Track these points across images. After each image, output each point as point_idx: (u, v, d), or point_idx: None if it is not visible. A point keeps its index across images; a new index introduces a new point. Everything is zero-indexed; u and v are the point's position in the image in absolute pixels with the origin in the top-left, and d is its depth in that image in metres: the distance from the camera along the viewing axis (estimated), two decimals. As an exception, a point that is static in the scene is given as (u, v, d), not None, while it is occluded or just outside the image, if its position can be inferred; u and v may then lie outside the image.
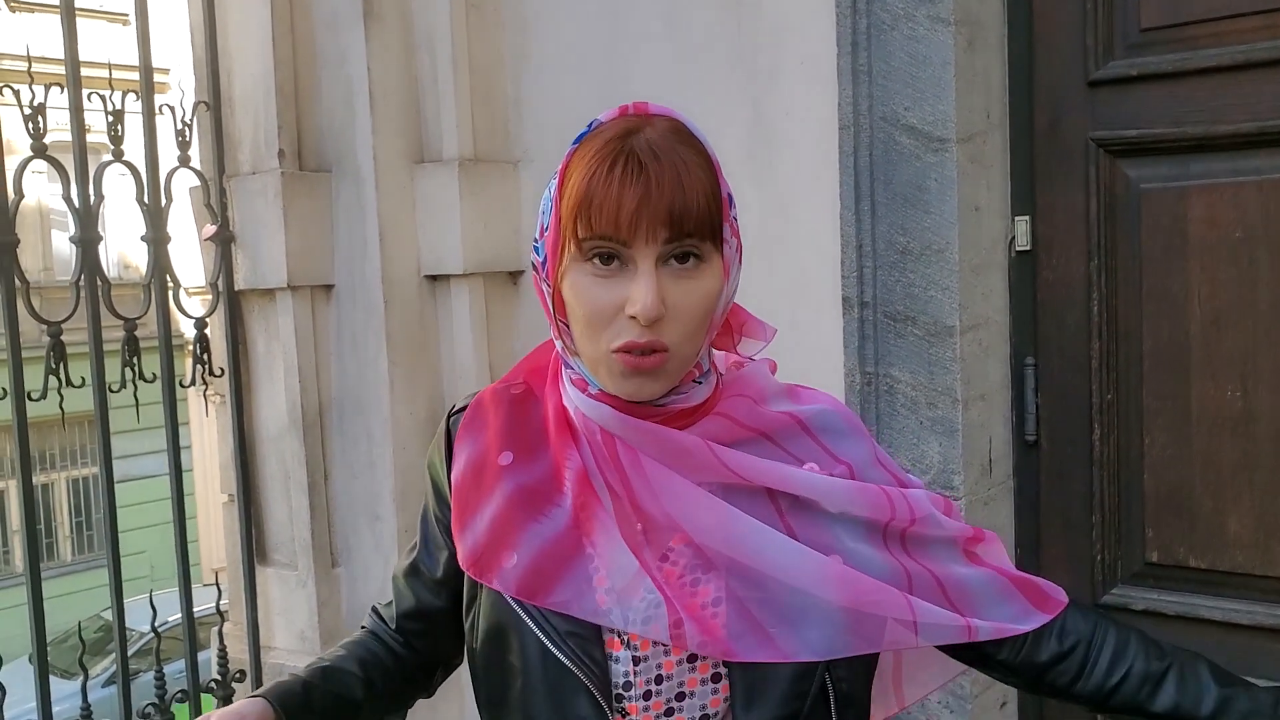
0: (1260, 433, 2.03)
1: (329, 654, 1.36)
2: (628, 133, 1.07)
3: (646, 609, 1.09)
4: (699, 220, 1.04)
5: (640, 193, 1.02)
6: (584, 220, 1.04)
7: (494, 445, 1.20)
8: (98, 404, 2.41)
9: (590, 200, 1.03)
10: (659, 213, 1.02)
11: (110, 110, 2.44)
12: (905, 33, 2.11)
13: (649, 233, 1.03)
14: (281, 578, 2.74)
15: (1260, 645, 2.07)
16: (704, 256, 1.07)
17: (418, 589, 1.34)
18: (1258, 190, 2.00)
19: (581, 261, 1.07)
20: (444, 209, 2.62)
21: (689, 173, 1.05)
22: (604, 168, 1.04)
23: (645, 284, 1.03)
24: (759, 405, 1.17)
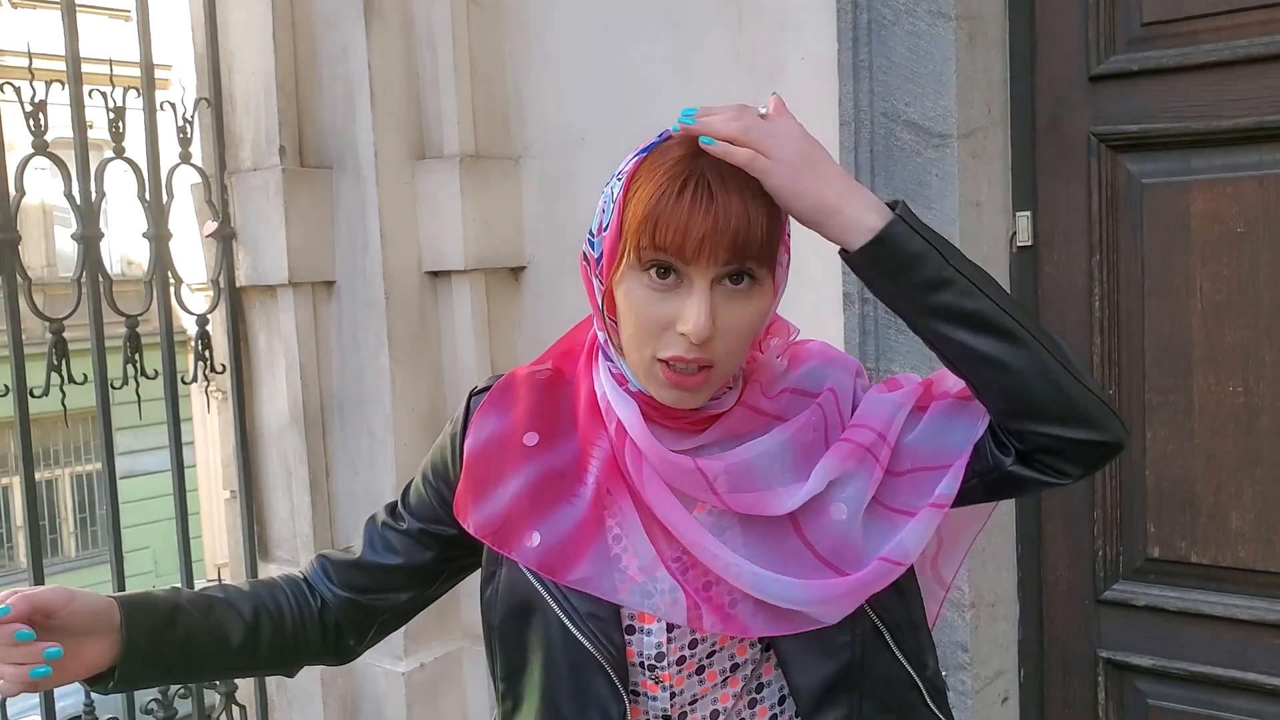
0: (1262, 427, 2.03)
1: (231, 586, 1.32)
2: (697, 153, 1.08)
3: (667, 592, 1.13)
4: (757, 246, 1.07)
5: (709, 220, 1.04)
6: (649, 235, 1.06)
7: (521, 424, 1.23)
8: (99, 400, 2.42)
9: (658, 218, 1.05)
10: (724, 239, 1.05)
11: (111, 107, 2.44)
12: (906, 28, 2.11)
13: (711, 256, 1.05)
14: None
15: (1261, 640, 2.07)
16: (758, 279, 1.09)
17: (388, 536, 1.34)
18: (1259, 185, 2.00)
19: (639, 271, 1.09)
20: (445, 205, 2.62)
21: (754, 200, 1.07)
22: (674, 188, 1.06)
23: (699, 304, 1.05)
24: (767, 391, 1.20)
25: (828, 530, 1.14)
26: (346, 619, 1.34)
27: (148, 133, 2.54)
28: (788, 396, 1.21)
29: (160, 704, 2.56)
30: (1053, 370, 1.09)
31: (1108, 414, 1.12)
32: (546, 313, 2.68)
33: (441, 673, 2.64)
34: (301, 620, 1.32)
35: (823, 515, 1.14)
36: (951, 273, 1.09)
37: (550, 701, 1.20)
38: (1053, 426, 1.10)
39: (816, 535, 1.14)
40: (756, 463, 1.14)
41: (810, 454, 1.16)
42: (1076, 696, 2.27)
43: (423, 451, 2.61)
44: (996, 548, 2.22)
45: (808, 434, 1.17)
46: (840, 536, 1.14)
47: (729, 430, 1.17)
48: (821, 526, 1.14)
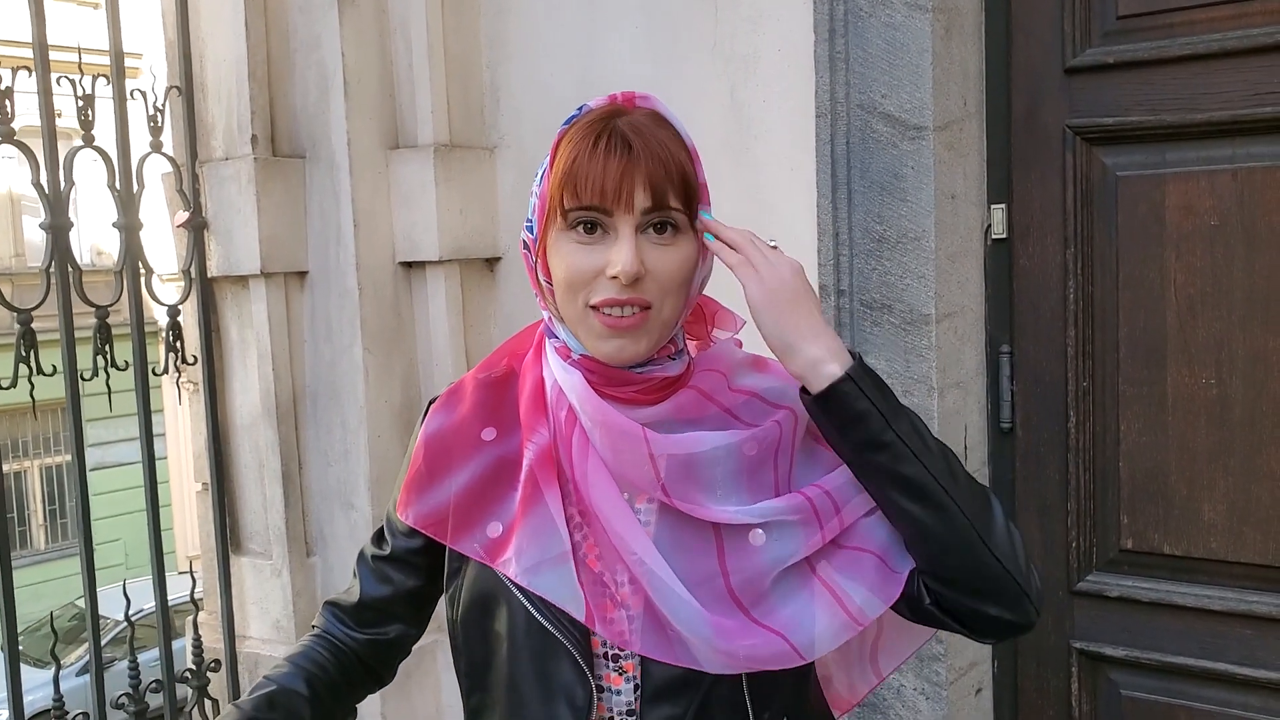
0: (1234, 419, 2.04)
1: (274, 673, 1.35)
2: (613, 114, 1.15)
3: (571, 589, 1.16)
4: (677, 191, 1.12)
5: (623, 163, 1.10)
6: (570, 191, 1.12)
7: (469, 420, 1.26)
8: (69, 392, 2.39)
9: (576, 172, 1.11)
10: (640, 181, 1.10)
11: (80, 95, 2.41)
12: (883, 20, 2.11)
13: (629, 200, 1.10)
14: (256, 567, 2.72)
15: (1231, 630, 2.08)
16: (681, 228, 1.14)
17: (382, 568, 1.36)
18: (1232, 178, 2.01)
19: (566, 230, 1.13)
20: (419, 195, 2.60)
21: (669, 151, 1.13)
22: (589, 143, 1.12)
23: (626, 246, 1.11)
24: (727, 379, 1.22)
25: (746, 562, 1.15)
26: (373, 656, 1.38)
27: (118, 121, 2.50)
28: (749, 399, 1.22)
29: (131, 698, 2.54)
30: (973, 545, 1.13)
31: (1020, 595, 1.15)
32: (521, 303, 2.67)
33: (415, 666, 2.63)
34: (344, 671, 1.37)
35: (746, 546, 1.15)
36: (891, 437, 1.12)
37: (515, 692, 1.21)
38: (963, 596, 1.15)
39: (734, 564, 1.15)
40: (703, 458, 1.16)
41: (756, 471, 1.18)
42: (1050, 687, 2.28)
43: (396, 444, 2.61)
44: (971, 539, 2.23)
45: (753, 447, 1.18)
46: (754, 572, 1.15)
47: (679, 410, 1.19)
48: (743, 556, 1.15)
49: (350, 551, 2.64)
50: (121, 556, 13.90)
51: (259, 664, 2.70)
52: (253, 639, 2.75)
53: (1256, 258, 2.00)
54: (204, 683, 2.72)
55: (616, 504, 1.16)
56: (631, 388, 1.17)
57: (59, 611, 10.33)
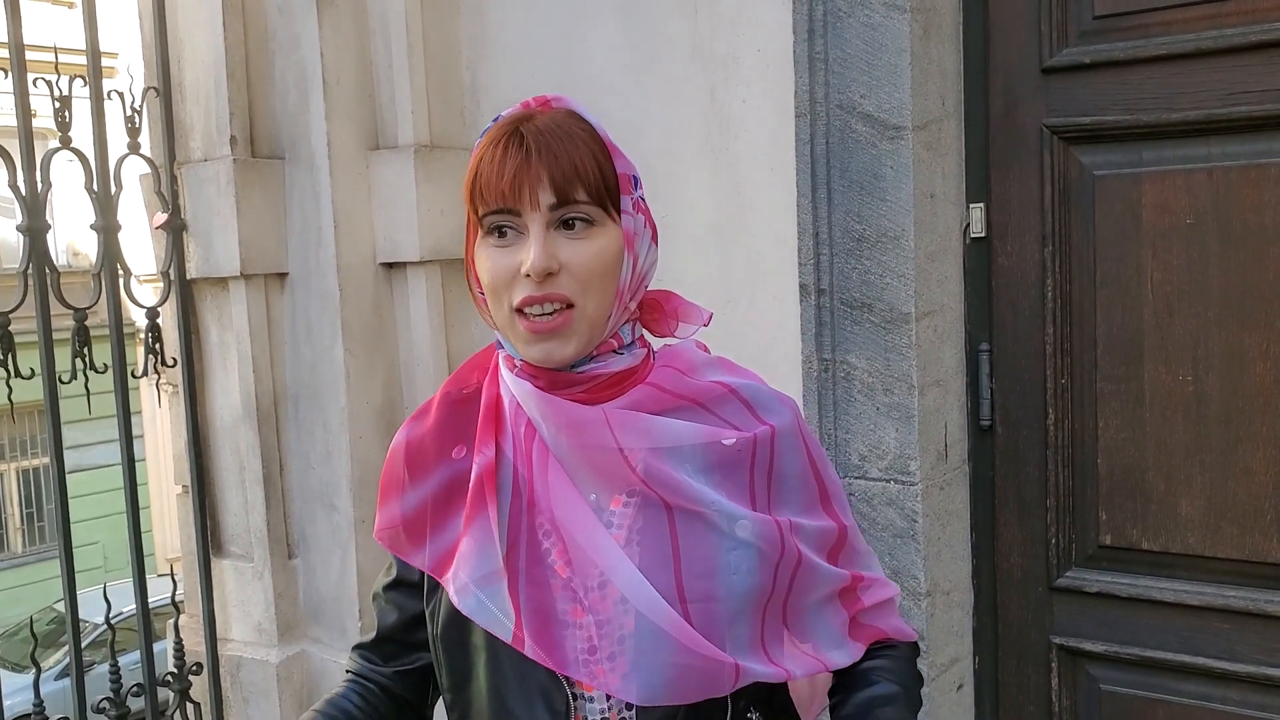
0: (1211, 415, 2.06)
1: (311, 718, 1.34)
2: (520, 119, 1.16)
3: (499, 613, 1.17)
4: (584, 185, 1.12)
5: (519, 160, 1.11)
6: (478, 197, 1.14)
7: (431, 435, 1.27)
8: (48, 395, 2.38)
9: (480, 178, 1.13)
10: (539, 177, 1.11)
11: (57, 96, 2.40)
12: (861, 20, 2.12)
13: (533, 198, 1.11)
14: (238, 569, 2.71)
15: (1208, 625, 2.10)
16: (595, 221, 1.14)
17: (392, 596, 1.36)
18: (1208, 177, 2.03)
19: (485, 237, 1.16)
20: (400, 196, 2.60)
21: (573, 145, 1.13)
22: (492, 148, 1.14)
23: (533, 243, 1.11)
24: (687, 375, 1.23)
25: (702, 559, 1.16)
26: (405, 689, 1.37)
27: (95, 122, 2.49)
28: (723, 392, 1.22)
29: (113, 702, 2.53)
30: None
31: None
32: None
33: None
34: (374, 712, 1.35)
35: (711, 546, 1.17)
36: None
37: (499, 700, 1.21)
38: None
39: (691, 554, 1.16)
40: (671, 447, 1.17)
41: (730, 473, 1.19)
42: (1030, 682, 2.29)
43: (378, 445, 2.61)
44: (951, 536, 2.24)
45: (732, 453, 1.19)
46: (710, 575, 1.16)
47: (635, 405, 1.19)
48: (700, 546, 1.17)
49: (332, 553, 2.64)
50: (100, 559, 13.82)
51: (241, 667, 2.70)
52: (234, 641, 2.74)
53: (1232, 255, 2.02)
54: (185, 686, 2.71)
55: (583, 516, 1.17)
56: (578, 388, 1.17)
57: (37, 615, 10.27)
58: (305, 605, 2.71)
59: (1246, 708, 2.08)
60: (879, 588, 1.32)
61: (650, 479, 1.16)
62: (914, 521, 2.14)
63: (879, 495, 2.17)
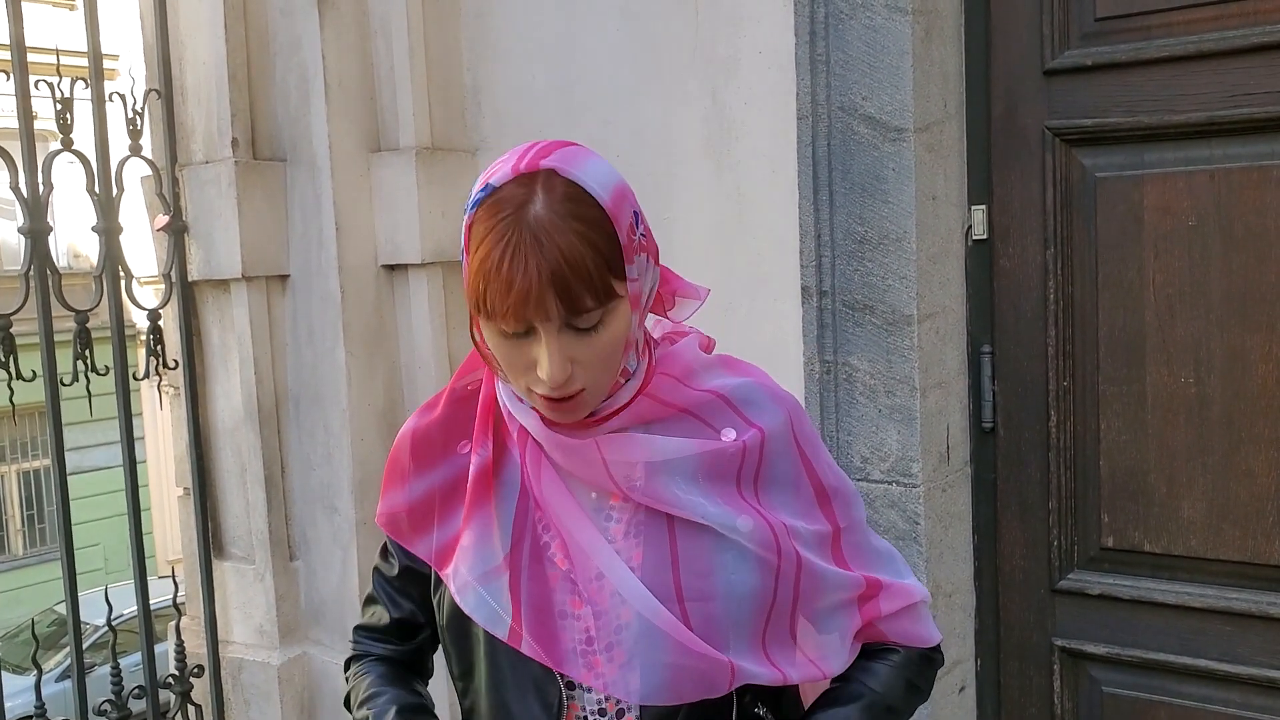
0: (1213, 417, 2.06)
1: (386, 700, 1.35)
2: (520, 206, 1.07)
3: (498, 609, 1.18)
4: (591, 293, 1.07)
5: (527, 281, 1.04)
6: (483, 302, 1.07)
7: (436, 428, 1.28)
8: (49, 397, 2.37)
9: (486, 287, 1.06)
10: (551, 295, 1.05)
11: (58, 98, 2.40)
12: (863, 22, 2.12)
13: (541, 314, 1.06)
14: (239, 571, 2.71)
15: (1210, 627, 2.10)
16: (605, 312, 1.09)
17: (398, 585, 1.37)
18: (1210, 179, 2.03)
19: (489, 321, 1.10)
20: (401, 198, 2.60)
21: (576, 250, 1.05)
22: (495, 255, 1.05)
23: (550, 355, 1.08)
24: (684, 382, 1.22)
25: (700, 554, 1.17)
26: (415, 660, 1.42)
27: (96, 124, 2.49)
28: (712, 399, 1.23)
29: (114, 704, 2.53)
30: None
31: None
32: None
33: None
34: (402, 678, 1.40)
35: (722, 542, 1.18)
36: None
37: (496, 692, 1.23)
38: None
39: (688, 552, 1.17)
40: (659, 462, 1.17)
41: (720, 481, 1.20)
42: (1032, 685, 2.29)
43: (379, 447, 2.61)
44: (953, 539, 2.24)
45: (722, 460, 1.19)
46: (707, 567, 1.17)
47: (636, 418, 1.20)
48: (697, 545, 1.18)
49: (333, 555, 2.64)
50: (101, 561, 13.81)
51: (242, 669, 2.69)
52: (236, 644, 2.74)
53: (1234, 257, 2.02)
54: (187, 688, 2.71)
55: (578, 516, 1.19)
56: (586, 421, 1.19)
57: (38, 617, 10.26)
58: (306, 607, 2.70)
59: (1248, 710, 2.08)
60: (900, 594, 1.31)
61: (642, 496, 1.17)
62: (916, 524, 2.14)
63: (881, 497, 2.17)
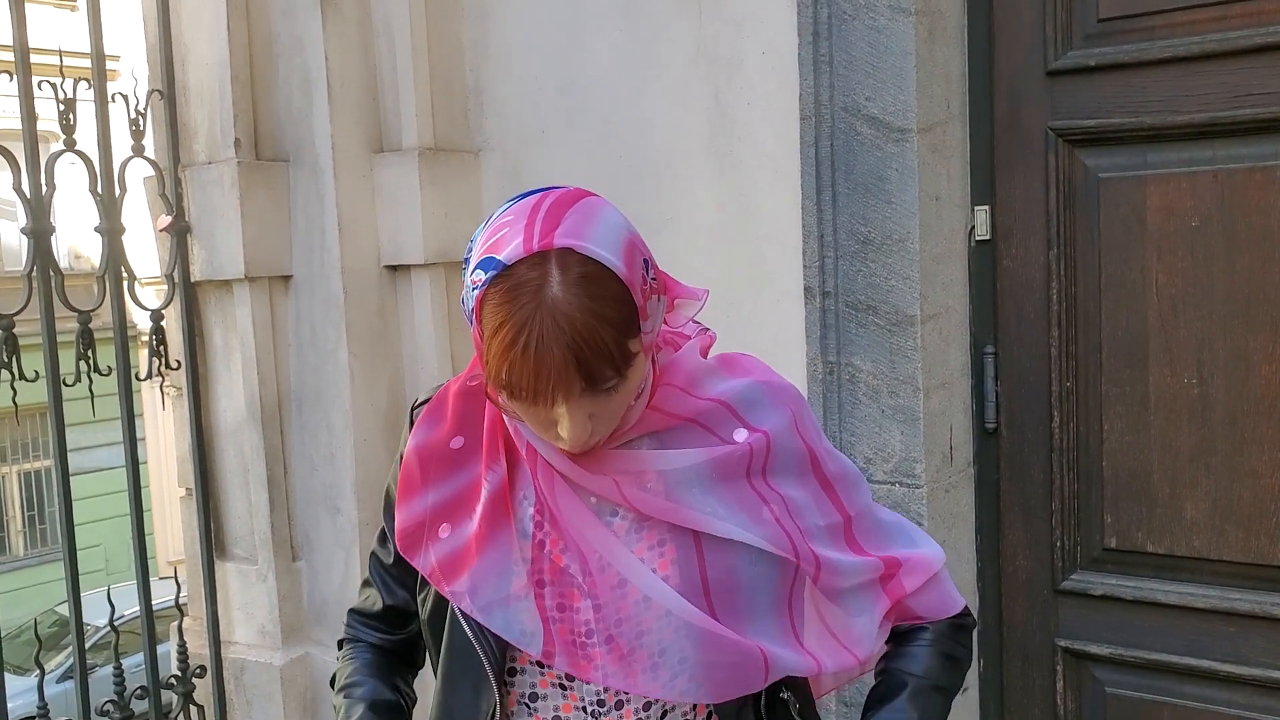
0: (1216, 419, 2.06)
1: (362, 694, 1.38)
2: (536, 289, 1.05)
3: (527, 624, 1.19)
4: (613, 369, 1.08)
5: (555, 372, 1.05)
6: (505, 389, 1.08)
7: (447, 436, 1.27)
8: (52, 398, 2.37)
9: (509, 374, 1.06)
10: (573, 383, 1.06)
11: (61, 98, 2.40)
12: (866, 23, 2.12)
13: (566, 394, 1.07)
14: (241, 572, 2.71)
15: (1214, 628, 2.10)
16: (623, 376, 1.10)
17: (394, 572, 1.39)
18: (1213, 179, 2.03)
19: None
20: (404, 198, 2.60)
21: (597, 334, 1.06)
22: (519, 345, 1.05)
23: (570, 422, 1.10)
24: (688, 392, 1.23)
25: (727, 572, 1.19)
26: (406, 649, 1.45)
27: (99, 125, 2.49)
28: (714, 406, 1.23)
29: (116, 705, 2.52)
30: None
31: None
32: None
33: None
34: (392, 670, 1.44)
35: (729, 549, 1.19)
36: None
37: (450, 681, 1.26)
38: None
39: (712, 550, 1.19)
40: (670, 473, 1.19)
41: (733, 485, 1.20)
42: (1035, 685, 2.29)
43: (382, 447, 2.61)
44: (956, 539, 2.24)
45: (731, 465, 1.20)
46: (731, 579, 1.19)
47: (643, 430, 1.21)
48: (718, 542, 1.19)
49: (336, 555, 2.64)
50: (102, 562, 13.82)
51: (244, 669, 2.69)
52: (238, 644, 2.74)
53: (1237, 258, 2.02)
54: (189, 689, 2.71)
55: (584, 514, 1.20)
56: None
57: (40, 618, 10.25)
58: (309, 608, 2.70)
59: (1252, 710, 2.08)
60: (920, 568, 1.33)
61: (660, 512, 1.19)
62: (919, 524, 2.13)
63: (884, 498, 2.17)
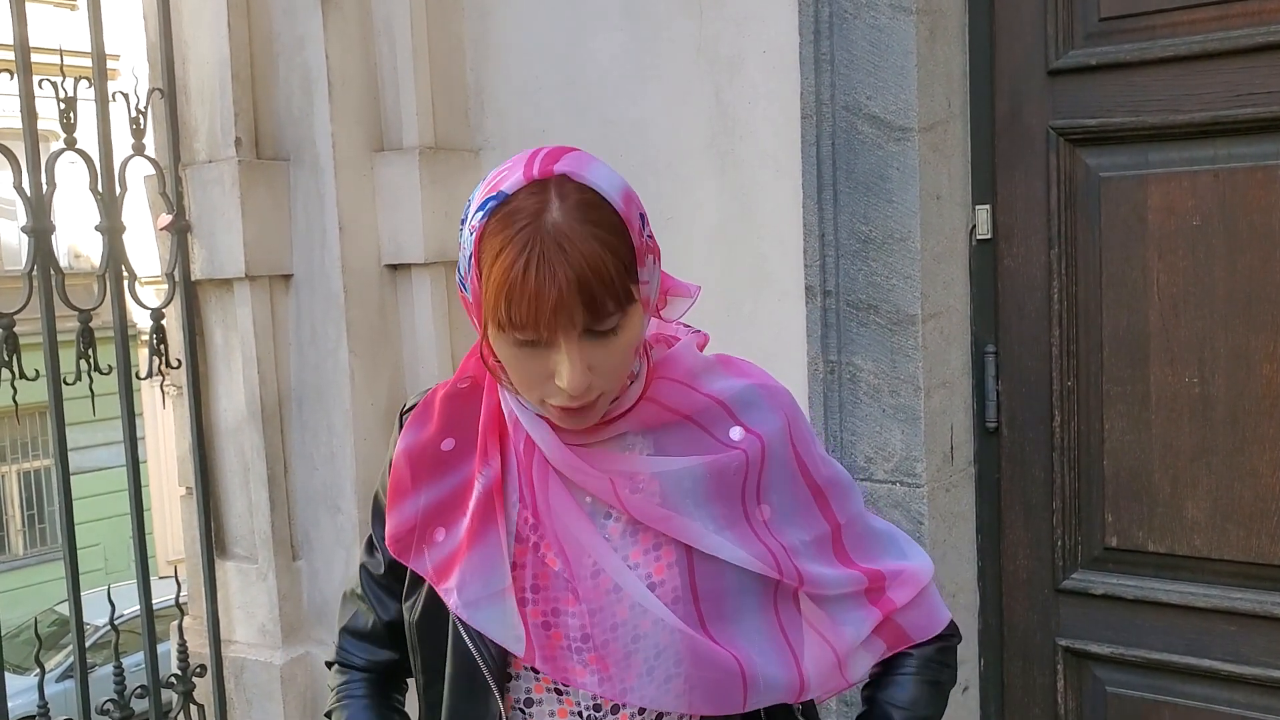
0: (1217, 418, 2.06)
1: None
2: (536, 214, 1.06)
3: (510, 623, 1.18)
4: (613, 299, 1.07)
5: (554, 292, 1.04)
6: (505, 315, 1.06)
7: (435, 438, 1.27)
8: (52, 396, 2.37)
9: (510, 299, 1.05)
10: (576, 308, 1.05)
11: (61, 97, 2.39)
12: (867, 21, 2.12)
13: (568, 323, 1.06)
14: (241, 571, 2.71)
15: (1214, 627, 2.10)
16: (623, 315, 1.10)
17: (384, 585, 1.37)
18: (1214, 179, 2.03)
19: (506, 333, 1.09)
20: (404, 198, 2.60)
21: (599, 256, 1.06)
22: (519, 265, 1.04)
23: (570, 362, 1.08)
24: (686, 386, 1.23)
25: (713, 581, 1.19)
26: (399, 668, 1.42)
27: (100, 124, 2.48)
28: (711, 405, 1.23)
29: (116, 704, 2.52)
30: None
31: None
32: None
33: (402, 669, 2.62)
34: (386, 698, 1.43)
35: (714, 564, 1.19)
36: None
37: (454, 686, 1.25)
38: None
39: (700, 557, 1.19)
40: (667, 480, 1.18)
41: (724, 495, 1.20)
42: (1036, 685, 2.29)
43: (382, 446, 2.60)
44: (957, 538, 2.24)
45: (727, 475, 1.20)
46: (719, 590, 1.19)
47: (639, 424, 1.21)
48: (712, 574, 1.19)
49: (336, 554, 2.64)
50: (101, 561, 13.81)
51: (244, 668, 2.69)
52: (238, 643, 2.73)
53: (1238, 257, 2.02)
54: (189, 688, 2.70)
55: (577, 517, 1.19)
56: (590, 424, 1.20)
57: (40, 617, 10.25)
58: (309, 607, 2.70)
59: (1253, 710, 2.08)
60: (909, 580, 1.32)
61: (654, 521, 1.18)
62: (920, 524, 2.14)
63: (885, 497, 2.17)
